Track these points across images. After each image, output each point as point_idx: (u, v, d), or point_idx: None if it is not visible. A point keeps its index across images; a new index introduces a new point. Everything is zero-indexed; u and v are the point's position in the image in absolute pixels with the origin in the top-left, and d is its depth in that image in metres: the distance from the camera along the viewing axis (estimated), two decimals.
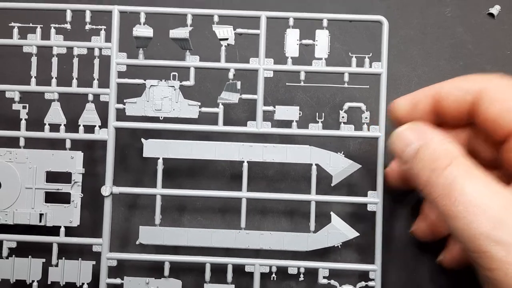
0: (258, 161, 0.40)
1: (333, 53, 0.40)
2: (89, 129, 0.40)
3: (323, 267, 0.39)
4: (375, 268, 0.39)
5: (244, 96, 0.39)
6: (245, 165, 0.40)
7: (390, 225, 0.42)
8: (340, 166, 0.39)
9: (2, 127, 0.41)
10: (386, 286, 0.41)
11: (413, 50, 0.44)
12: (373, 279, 0.39)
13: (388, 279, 0.41)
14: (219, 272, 0.40)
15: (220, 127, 0.40)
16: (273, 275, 0.39)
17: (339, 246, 0.39)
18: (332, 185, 0.39)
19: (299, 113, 0.39)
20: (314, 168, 0.39)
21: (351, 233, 0.39)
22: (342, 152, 0.40)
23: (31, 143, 0.40)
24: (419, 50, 0.44)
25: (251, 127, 0.39)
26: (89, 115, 0.40)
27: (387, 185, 0.37)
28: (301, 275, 0.39)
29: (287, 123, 0.39)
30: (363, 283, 0.39)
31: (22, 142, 0.40)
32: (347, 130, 0.39)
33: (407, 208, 0.43)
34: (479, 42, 0.45)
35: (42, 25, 0.40)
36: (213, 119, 0.40)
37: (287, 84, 0.41)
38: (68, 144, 0.40)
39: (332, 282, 0.39)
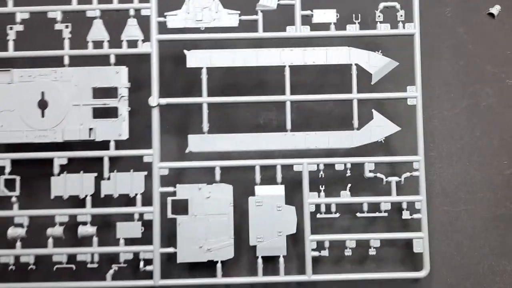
0: (299, 64, 0.41)
1: None
2: (132, 44, 0.41)
3: (369, 161, 0.40)
4: (419, 159, 0.40)
5: (282, 1, 0.41)
6: (287, 69, 0.41)
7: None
8: (378, 64, 0.41)
9: (45, 47, 0.41)
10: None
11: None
12: (417, 169, 0.40)
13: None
14: (269, 178, 0.41)
15: (260, 34, 0.41)
16: (321, 172, 0.40)
17: (382, 141, 0.41)
18: (372, 83, 0.41)
19: (337, 16, 0.41)
20: (354, 67, 0.41)
21: (393, 128, 0.41)
22: (380, 51, 0.41)
23: (75, 62, 0.41)
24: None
25: (290, 32, 0.41)
26: (132, 30, 0.41)
27: None
28: (348, 171, 0.40)
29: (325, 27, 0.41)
30: (408, 174, 0.41)
31: (66, 61, 0.41)
32: (383, 29, 0.41)
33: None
34: (479, 42, 0.45)
35: None
36: (253, 27, 0.41)
37: None
38: (112, 59, 0.41)
39: (379, 175, 0.40)
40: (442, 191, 0.42)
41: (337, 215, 0.40)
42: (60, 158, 0.40)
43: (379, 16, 0.41)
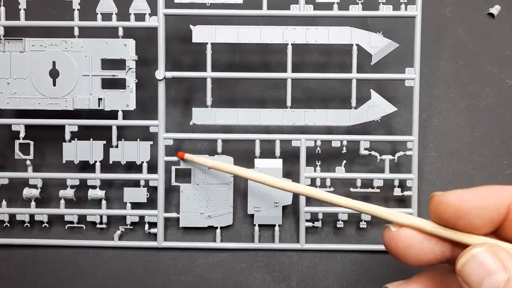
0: (301, 43, 0.42)
1: None
2: (140, 17, 0.42)
3: (364, 139, 0.42)
4: (412, 139, 0.42)
5: None
6: (289, 47, 0.42)
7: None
8: (379, 45, 0.42)
9: (56, 17, 0.43)
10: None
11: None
12: (410, 149, 0.42)
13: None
14: (268, 151, 0.43)
15: (264, 11, 0.42)
16: (318, 148, 0.42)
17: (379, 121, 0.42)
18: (372, 63, 0.42)
19: None
20: (354, 48, 0.42)
21: (390, 108, 0.42)
22: (381, 32, 0.42)
23: (85, 33, 0.42)
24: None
25: (294, 10, 0.41)
26: (139, 3, 0.42)
27: (388, 248, 0.26)
28: (344, 148, 0.42)
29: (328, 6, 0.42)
30: (401, 153, 0.42)
31: (76, 32, 0.42)
32: (385, 10, 0.41)
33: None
34: (479, 42, 0.45)
35: None
36: (258, 4, 0.42)
37: None
38: (120, 32, 0.42)
39: (373, 153, 0.42)
40: (442, 191, 0.43)
41: (332, 189, 0.43)
42: (71, 125, 0.42)
43: None
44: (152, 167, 0.43)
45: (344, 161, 0.43)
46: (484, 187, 0.24)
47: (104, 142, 0.43)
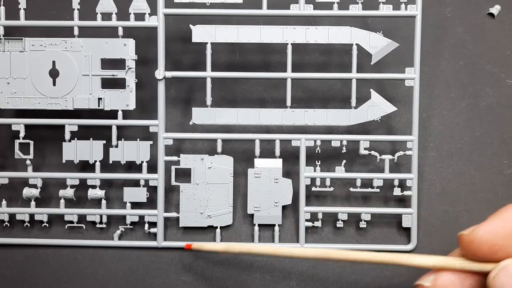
0: (301, 42, 0.42)
1: None
2: (140, 17, 0.42)
3: (364, 139, 0.42)
4: (412, 139, 0.42)
5: None
6: (289, 47, 0.42)
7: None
8: (379, 45, 0.42)
9: (55, 17, 0.43)
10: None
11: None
12: (410, 149, 0.42)
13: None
14: (267, 151, 0.43)
15: (264, 11, 0.42)
16: (318, 148, 0.42)
17: (379, 120, 0.42)
18: (372, 63, 0.42)
19: None
20: (354, 47, 0.42)
21: (390, 108, 0.42)
22: (381, 31, 0.42)
23: (85, 33, 0.42)
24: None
25: (294, 10, 0.41)
26: (139, 3, 0.42)
27: None
28: (344, 148, 0.42)
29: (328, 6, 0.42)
30: (401, 153, 0.42)
31: (76, 31, 0.42)
32: (385, 10, 0.41)
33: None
34: (479, 42, 0.45)
35: None
36: (258, 4, 0.42)
37: None
38: (120, 31, 0.42)
39: (373, 152, 0.42)
40: (442, 191, 0.43)
41: (331, 189, 0.43)
42: (71, 125, 0.42)
43: None
44: (152, 167, 0.43)
45: (344, 161, 0.43)
46: (505, 210, 0.24)
47: (104, 142, 0.43)
